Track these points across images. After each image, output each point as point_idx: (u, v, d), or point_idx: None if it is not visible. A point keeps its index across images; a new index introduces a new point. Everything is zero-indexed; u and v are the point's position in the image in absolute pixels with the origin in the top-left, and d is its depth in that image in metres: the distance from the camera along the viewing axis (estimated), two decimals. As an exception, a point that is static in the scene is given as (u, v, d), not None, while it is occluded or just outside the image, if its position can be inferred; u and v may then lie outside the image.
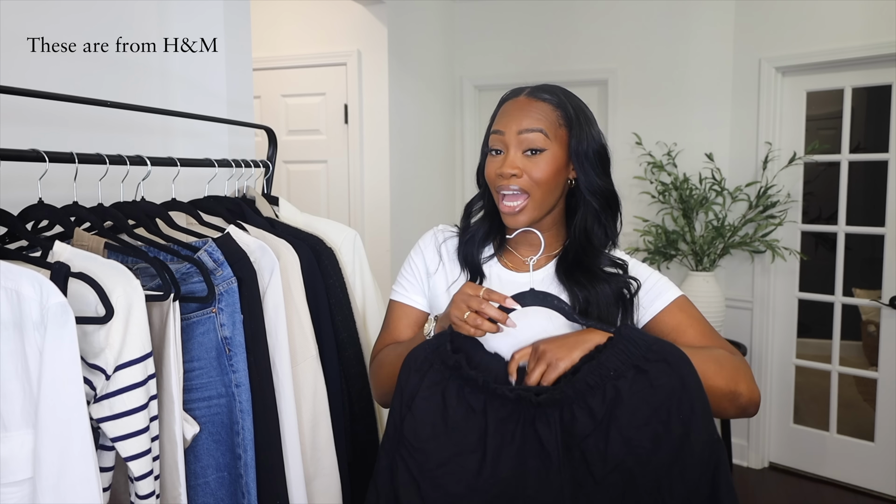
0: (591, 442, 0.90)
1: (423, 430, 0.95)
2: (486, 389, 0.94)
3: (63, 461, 0.78)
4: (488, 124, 1.13)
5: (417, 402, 0.97)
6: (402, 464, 0.96)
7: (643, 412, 0.88)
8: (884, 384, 2.97)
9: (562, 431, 0.91)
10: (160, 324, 0.99)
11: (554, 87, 1.10)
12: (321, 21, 3.01)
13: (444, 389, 0.96)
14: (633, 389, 0.89)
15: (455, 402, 0.96)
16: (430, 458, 0.94)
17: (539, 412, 0.92)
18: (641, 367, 0.90)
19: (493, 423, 0.94)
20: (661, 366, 0.89)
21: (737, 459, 3.35)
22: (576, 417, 0.91)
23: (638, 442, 0.88)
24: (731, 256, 3.27)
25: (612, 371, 0.90)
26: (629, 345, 0.91)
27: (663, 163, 3.27)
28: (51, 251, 0.92)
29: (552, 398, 0.91)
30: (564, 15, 3.53)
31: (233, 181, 1.48)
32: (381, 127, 2.95)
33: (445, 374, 0.97)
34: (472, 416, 0.95)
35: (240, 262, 1.08)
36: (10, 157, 0.94)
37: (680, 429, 0.87)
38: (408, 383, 0.98)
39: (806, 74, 3.07)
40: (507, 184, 1.04)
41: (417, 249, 1.21)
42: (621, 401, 0.89)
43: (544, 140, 1.04)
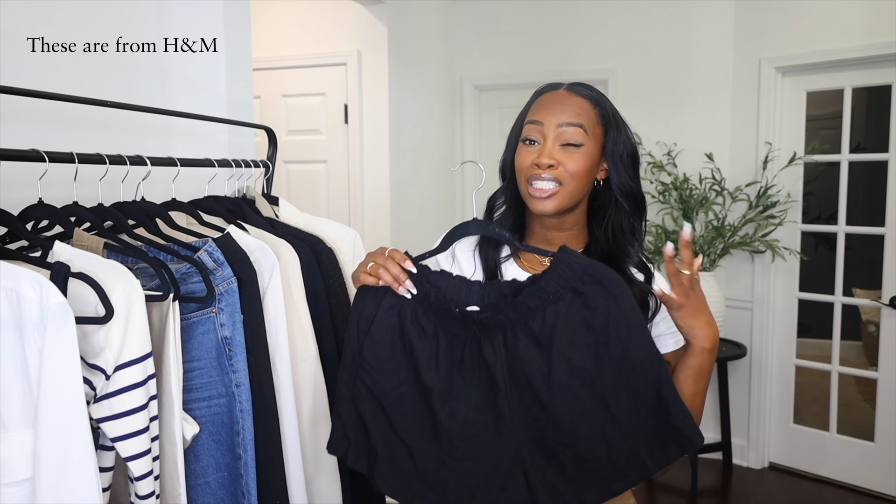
0: (535, 365, 0.93)
1: (382, 351, 0.98)
2: (436, 308, 0.97)
3: (63, 461, 0.78)
4: (520, 116, 1.12)
5: (376, 323, 0.99)
6: (364, 388, 0.98)
7: (582, 333, 0.92)
8: (884, 384, 2.97)
9: (506, 355, 0.94)
10: (160, 324, 0.99)
11: (591, 86, 1.10)
12: (321, 21, 3.01)
13: (399, 311, 0.99)
14: (571, 311, 0.92)
15: (409, 322, 0.98)
16: (391, 377, 0.98)
17: (484, 335, 0.95)
18: (578, 290, 0.93)
19: (444, 344, 0.97)
20: (596, 288, 0.92)
21: (737, 459, 3.35)
22: (518, 339, 0.94)
23: (580, 363, 0.91)
24: (731, 256, 3.27)
25: (551, 294, 0.93)
26: (566, 268, 0.93)
27: (663, 163, 3.27)
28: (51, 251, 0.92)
29: (493, 318, 0.94)
30: (565, 15, 3.53)
31: (233, 181, 1.48)
32: (381, 127, 2.95)
33: (401, 298, 0.99)
34: (423, 337, 0.98)
35: (240, 262, 1.08)
36: (10, 157, 0.94)
37: (619, 347, 0.91)
38: (364, 308, 1.00)
39: (806, 74, 3.07)
40: (542, 173, 1.04)
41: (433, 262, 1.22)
42: (561, 323, 0.92)
43: (583, 135, 1.04)
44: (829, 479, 3.14)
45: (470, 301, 0.98)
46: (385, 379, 0.98)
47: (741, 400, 3.34)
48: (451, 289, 0.99)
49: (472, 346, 0.96)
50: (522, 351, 0.94)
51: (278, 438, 1.12)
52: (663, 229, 3.21)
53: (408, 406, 0.97)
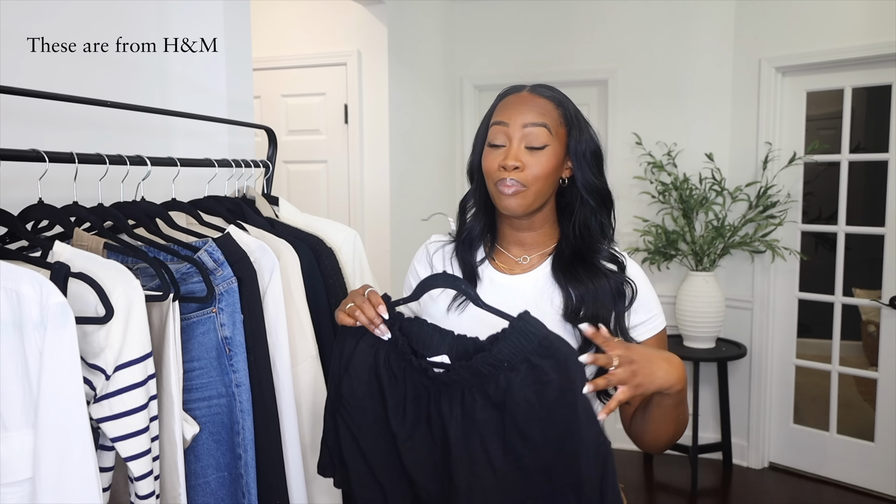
0: (491, 428, 0.92)
1: (359, 389, 1.00)
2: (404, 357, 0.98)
3: (63, 461, 0.78)
4: (485, 119, 1.14)
5: (353, 362, 1.01)
6: (342, 422, 1.01)
7: (533, 406, 0.90)
8: (884, 384, 2.97)
9: (462, 416, 0.93)
10: (160, 324, 0.99)
11: (552, 87, 1.12)
12: (321, 21, 3.01)
13: (376, 352, 1.01)
14: (523, 382, 0.91)
15: (382, 365, 1.00)
16: (367, 414, 1.00)
17: (444, 390, 0.95)
18: (532, 362, 0.91)
19: (411, 392, 0.98)
20: (549, 362, 0.90)
21: (737, 459, 3.35)
22: (476, 400, 0.93)
23: (530, 436, 0.90)
24: (731, 256, 3.27)
25: (504, 363, 0.91)
26: (521, 338, 0.91)
27: (663, 163, 3.27)
28: (51, 251, 0.92)
29: (448, 378, 0.94)
30: (564, 15, 3.52)
31: (233, 181, 1.48)
32: (381, 127, 2.95)
33: (378, 339, 1.01)
34: (394, 382, 0.99)
35: (240, 262, 1.08)
36: (10, 157, 0.94)
37: (563, 426, 0.89)
38: (345, 346, 1.02)
39: (806, 74, 3.07)
40: (508, 176, 1.05)
41: (412, 268, 1.25)
42: (512, 392, 0.91)
43: (547, 135, 1.06)
44: (829, 479, 3.14)
45: (440, 351, 0.98)
46: (361, 416, 1.00)
47: (741, 400, 3.34)
48: (422, 337, 0.99)
49: (434, 400, 0.96)
50: (479, 413, 0.92)
51: (278, 438, 1.12)
52: (663, 229, 3.21)
53: (382, 445, 0.99)
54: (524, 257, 1.14)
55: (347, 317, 1.01)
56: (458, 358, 0.96)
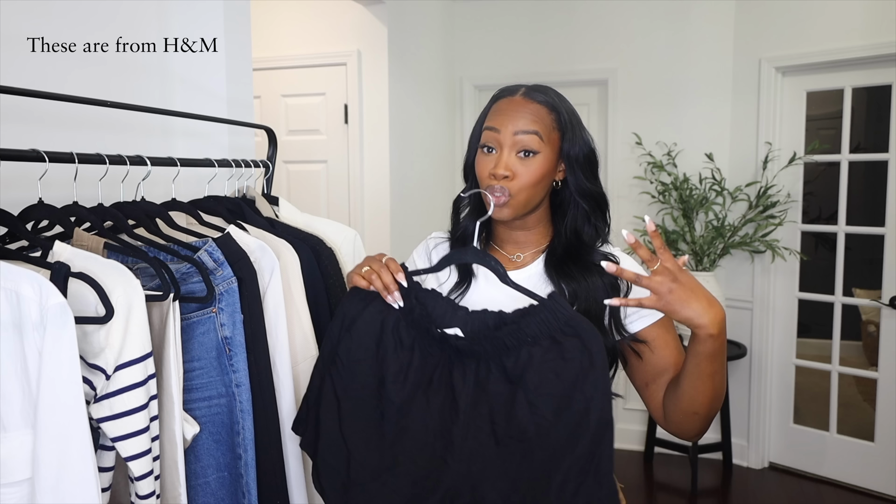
0: (501, 401, 0.93)
1: (356, 352, 1.00)
2: (418, 325, 0.99)
3: (62, 462, 0.78)
4: (479, 119, 1.13)
5: (358, 324, 1.01)
6: (330, 381, 1.01)
7: (551, 381, 0.91)
8: (884, 384, 2.97)
9: (475, 385, 0.95)
10: (160, 324, 0.99)
11: (548, 89, 1.11)
12: (321, 21, 3.01)
13: (383, 318, 1.01)
14: (545, 358, 0.92)
15: (390, 331, 1.00)
16: (356, 379, 0.99)
17: (458, 361, 0.96)
18: (556, 339, 0.92)
19: (417, 360, 0.98)
20: (574, 341, 0.91)
21: (737, 459, 3.35)
22: (491, 372, 0.94)
23: (541, 410, 0.91)
24: (731, 256, 3.27)
25: (529, 337, 0.93)
26: (549, 315, 0.93)
27: (663, 163, 3.27)
28: (51, 251, 0.92)
29: (470, 347, 0.95)
30: (564, 15, 3.52)
31: (233, 181, 1.48)
32: (381, 127, 2.95)
33: (389, 306, 1.02)
34: (399, 349, 0.99)
35: (240, 261, 1.08)
36: (10, 157, 0.94)
37: (582, 405, 0.90)
38: (350, 307, 1.02)
39: (806, 74, 3.07)
40: (497, 184, 1.06)
41: (410, 260, 1.26)
42: (532, 366, 0.92)
43: (538, 143, 1.05)
44: (829, 479, 3.14)
45: (453, 324, 0.99)
46: (351, 378, 1.00)
47: (741, 400, 3.34)
48: (437, 309, 1.00)
49: (444, 369, 0.97)
50: (492, 385, 0.94)
51: (278, 438, 1.12)
52: (663, 229, 3.21)
53: (361, 412, 0.99)
54: (518, 255, 1.15)
55: (361, 279, 1.02)
56: (473, 332, 0.97)
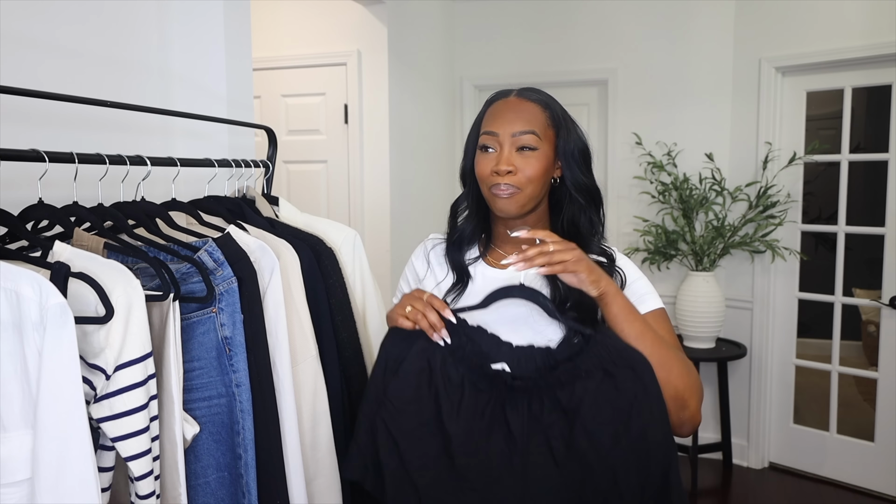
0: (556, 429, 0.96)
1: (407, 392, 1.01)
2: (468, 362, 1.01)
3: (62, 462, 0.78)
4: (474, 125, 1.16)
5: (405, 365, 1.02)
6: (383, 425, 1.01)
7: (606, 412, 0.95)
8: (884, 384, 2.97)
9: (528, 417, 0.98)
10: (160, 324, 0.98)
11: (538, 90, 1.15)
12: (321, 21, 3.01)
13: (430, 356, 1.02)
14: (599, 390, 0.96)
15: (437, 371, 1.02)
16: (411, 419, 1.01)
17: (510, 397, 0.99)
18: (609, 371, 0.97)
19: (468, 397, 1.01)
20: (627, 372, 0.96)
21: (737, 459, 3.35)
22: (544, 406, 0.98)
23: (599, 437, 0.95)
24: (731, 256, 3.27)
25: (583, 372, 0.97)
26: (602, 349, 0.98)
27: (663, 163, 3.27)
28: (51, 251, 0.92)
29: (525, 384, 0.99)
30: (564, 15, 3.52)
31: (233, 181, 1.48)
32: (381, 127, 2.95)
33: (434, 344, 1.03)
34: (449, 387, 1.01)
35: (240, 261, 1.08)
36: (10, 157, 0.94)
37: (638, 431, 0.94)
38: (394, 348, 1.04)
39: (806, 74, 3.07)
40: (502, 181, 1.08)
41: (409, 263, 1.28)
42: (588, 399, 0.96)
43: (536, 140, 1.09)
44: (829, 479, 3.14)
45: (498, 359, 1.02)
46: (405, 419, 1.01)
47: (741, 400, 3.34)
48: (483, 344, 1.03)
49: (496, 405, 1.00)
50: (546, 416, 0.98)
51: (278, 438, 1.12)
52: (663, 229, 3.21)
53: (423, 449, 1.00)
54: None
55: (405, 320, 1.03)
56: (518, 366, 1.01)
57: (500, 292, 1.06)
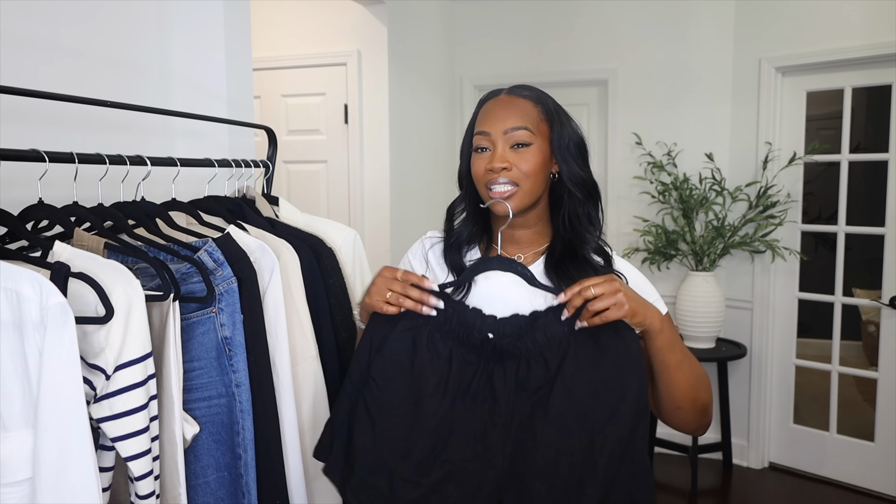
0: (540, 394, 0.96)
1: (390, 370, 1.00)
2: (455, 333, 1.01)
3: (62, 461, 0.78)
4: (469, 127, 1.16)
5: (388, 343, 1.01)
6: (363, 403, 1.00)
7: (588, 369, 0.95)
8: (884, 384, 2.97)
9: (515, 384, 0.98)
10: (160, 324, 0.99)
11: (530, 86, 1.14)
12: (321, 21, 3.01)
13: (415, 334, 1.02)
14: (583, 346, 0.96)
15: (424, 346, 1.01)
16: (393, 396, 1.00)
17: (497, 364, 0.99)
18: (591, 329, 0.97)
19: (455, 369, 1.00)
20: (611, 332, 0.97)
21: (737, 459, 3.35)
22: (531, 369, 0.98)
23: (579, 396, 0.95)
24: (731, 256, 3.27)
25: (566, 327, 0.97)
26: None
27: (663, 163, 3.27)
28: (51, 251, 0.92)
29: (514, 346, 0.98)
30: (564, 15, 3.52)
31: (233, 181, 1.48)
32: (381, 127, 2.95)
33: (418, 321, 1.02)
34: (436, 361, 1.00)
35: (240, 262, 1.08)
36: (10, 157, 0.94)
37: (618, 391, 0.94)
38: (377, 329, 1.03)
39: (806, 74, 3.07)
40: (498, 177, 1.07)
41: (405, 261, 1.26)
42: (570, 354, 0.96)
43: (529, 136, 1.08)
44: (829, 479, 3.14)
45: (485, 330, 1.02)
46: (386, 397, 1.00)
47: (741, 400, 3.34)
48: (465, 318, 1.02)
49: (482, 374, 1.00)
50: (532, 381, 0.97)
51: (278, 438, 1.12)
52: (663, 229, 3.21)
53: (399, 428, 0.99)
54: (518, 255, 1.16)
55: (388, 305, 1.02)
56: (505, 335, 1.00)
57: (479, 265, 1.06)
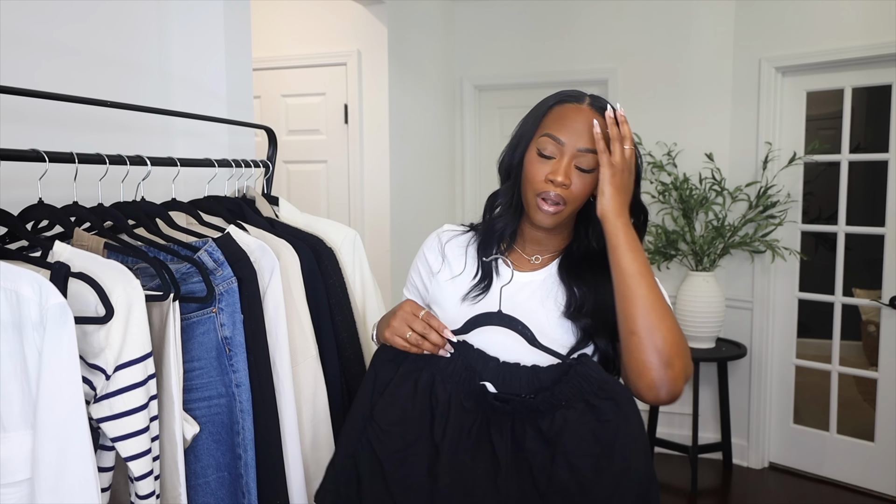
0: (538, 458, 0.96)
1: (393, 414, 1.01)
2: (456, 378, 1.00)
3: (61, 462, 0.78)
4: (532, 119, 1.10)
5: (391, 388, 1.02)
6: (368, 446, 1.00)
7: (588, 443, 0.94)
8: (884, 384, 2.97)
9: (512, 441, 0.97)
10: (160, 324, 0.99)
11: (604, 99, 1.09)
12: (321, 21, 3.01)
13: (416, 378, 1.02)
14: (580, 421, 0.95)
15: (425, 391, 1.01)
16: (397, 440, 1.00)
17: (494, 419, 0.98)
18: (591, 402, 0.96)
19: (455, 416, 0.99)
20: (609, 404, 0.95)
21: (737, 459, 3.35)
22: (526, 431, 0.97)
23: (580, 469, 0.94)
24: (731, 256, 3.27)
25: (562, 401, 0.96)
26: (582, 381, 0.97)
27: (663, 163, 3.27)
28: (51, 251, 0.92)
29: (505, 409, 0.97)
30: (564, 15, 3.52)
31: (233, 181, 1.48)
32: (381, 127, 2.95)
33: (420, 364, 1.02)
34: (436, 407, 1.00)
35: (240, 262, 1.08)
36: (10, 157, 0.94)
37: (621, 464, 0.93)
38: (381, 370, 1.04)
39: (806, 74, 3.07)
40: (553, 190, 1.03)
41: (421, 255, 1.24)
42: (568, 429, 0.95)
43: (596, 161, 1.04)
44: (829, 479, 3.14)
45: (485, 376, 1.01)
46: (391, 441, 1.00)
47: (741, 400, 3.34)
48: (471, 359, 1.02)
49: (482, 423, 0.99)
50: (529, 443, 0.96)
51: (278, 438, 1.12)
52: (663, 229, 3.21)
53: (408, 470, 0.99)
54: (536, 256, 1.15)
55: (406, 343, 1.00)
56: (504, 384, 1.00)
57: (480, 319, 1.05)
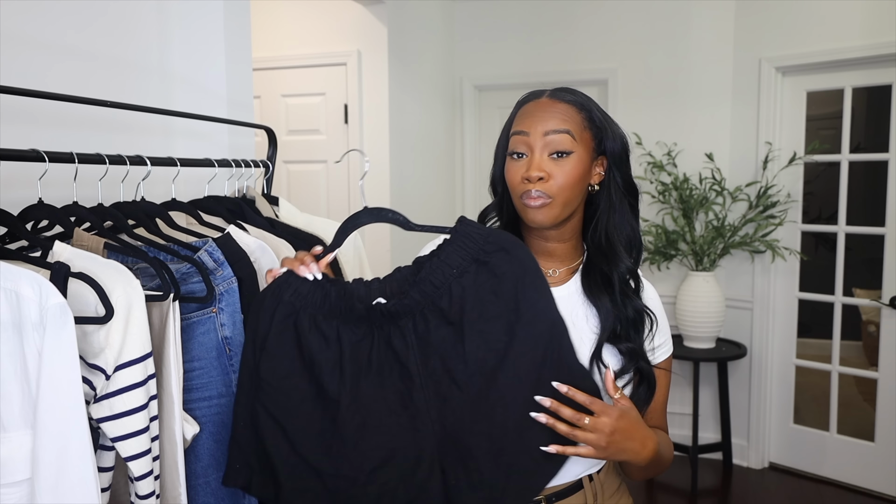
0: (449, 345, 0.90)
1: (280, 367, 0.92)
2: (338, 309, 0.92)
3: (61, 462, 0.78)
4: (505, 128, 1.09)
5: (271, 338, 0.93)
6: (264, 410, 0.92)
7: (492, 303, 0.89)
8: (884, 384, 2.97)
9: (417, 342, 0.91)
10: (160, 324, 0.98)
11: (574, 90, 1.06)
12: (321, 21, 3.02)
13: (295, 321, 0.93)
14: (477, 283, 0.89)
15: (308, 331, 0.92)
16: (292, 395, 0.92)
17: (393, 326, 0.92)
18: (482, 260, 0.90)
19: (348, 349, 0.92)
20: (500, 255, 0.90)
21: (737, 459, 3.35)
22: (429, 321, 0.90)
23: (493, 334, 0.88)
24: (731, 256, 3.27)
25: (454, 269, 0.90)
26: (466, 240, 0.91)
27: (663, 163, 3.27)
28: (51, 251, 0.92)
29: (401, 304, 0.91)
30: (564, 15, 3.53)
31: (233, 181, 1.48)
32: (381, 127, 2.95)
33: (296, 305, 0.93)
34: (325, 346, 0.92)
35: (240, 261, 1.08)
36: (10, 157, 0.94)
37: (529, 312, 0.88)
38: (259, 325, 0.94)
39: (806, 74, 3.07)
40: (533, 188, 0.99)
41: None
42: (469, 296, 0.89)
43: (571, 142, 1.00)
44: (829, 479, 3.14)
45: (372, 297, 0.94)
46: (286, 398, 0.92)
47: (741, 400, 3.34)
48: (349, 292, 0.95)
49: (380, 343, 0.92)
50: (434, 333, 0.90)
51: (278, 438, 1.12)
52: (663, 229, 3.21)
53: (313, 425, 0.92)
54: (554, 270, 1.09)
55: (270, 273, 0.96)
56: (393, 294, 0.93)
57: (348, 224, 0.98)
